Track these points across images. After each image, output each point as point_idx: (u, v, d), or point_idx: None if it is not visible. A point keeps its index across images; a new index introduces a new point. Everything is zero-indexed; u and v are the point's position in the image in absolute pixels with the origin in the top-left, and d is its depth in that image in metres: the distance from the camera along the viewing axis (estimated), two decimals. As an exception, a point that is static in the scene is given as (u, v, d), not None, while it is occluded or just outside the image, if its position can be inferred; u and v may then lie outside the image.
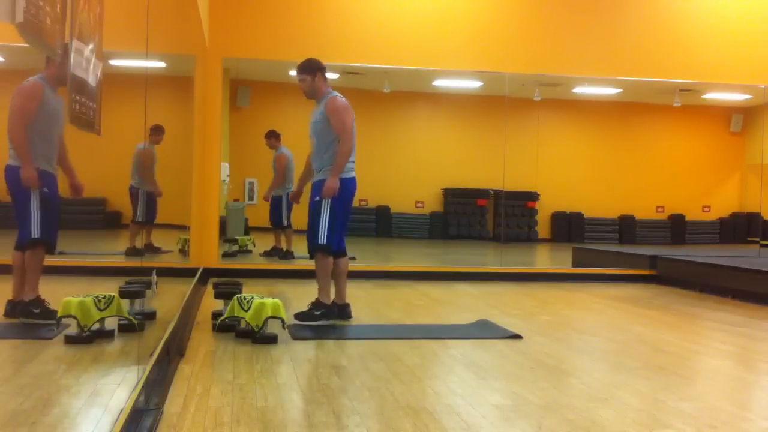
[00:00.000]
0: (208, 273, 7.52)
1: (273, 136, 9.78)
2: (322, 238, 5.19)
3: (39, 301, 4.42)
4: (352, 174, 5.36)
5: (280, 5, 8.50)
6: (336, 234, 5.25)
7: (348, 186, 5.30)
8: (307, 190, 5.61)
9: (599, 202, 14.83)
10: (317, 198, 5.23)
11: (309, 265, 5.52)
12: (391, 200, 14.28)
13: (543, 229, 14.95)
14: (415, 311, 6.28)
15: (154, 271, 5.02)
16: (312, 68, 5.34)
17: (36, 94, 4.32)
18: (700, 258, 8.61)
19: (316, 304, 5.26)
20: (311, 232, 5.26)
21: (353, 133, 5.29)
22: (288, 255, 9.45)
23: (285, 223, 9.58)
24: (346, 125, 5.20)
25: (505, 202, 12.44)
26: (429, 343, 4.68)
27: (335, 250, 5.29)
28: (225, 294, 5.07)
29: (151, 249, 8.37)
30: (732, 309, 6.75)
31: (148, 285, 4.90)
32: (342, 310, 5.39)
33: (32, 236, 4.40)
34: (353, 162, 5.37)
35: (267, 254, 9.71)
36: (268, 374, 3.74)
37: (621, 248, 11.13)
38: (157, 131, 8.30)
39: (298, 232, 8.70)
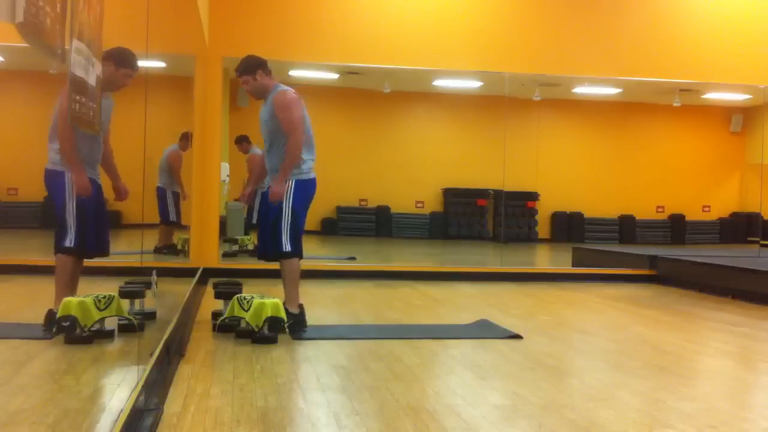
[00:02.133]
0: (208, 273, 7.51)
1: (244, 141, 9.88)
2: (287, 246, 4.88)
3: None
4: (312, 175, 5.02)
5: (280, 5, 8.50)
6: (300, 239, 4.98)
7: (309, 188, 4.99)
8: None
9: (599, 202, 14.83)
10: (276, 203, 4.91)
11: (309, 265, 5.48)
12: (391, 200, 14.28)
13: (543, 229, 14.94)
14: (415, 311, 6.28)
15: (154, 271, 5.02)
16: (251, 67, 4.97)
17: None
18: (700, 258, 8.61)
19: (288, 316, 4.80)
20: (274, 239, 4.92)
21: (307, 130, 4.96)
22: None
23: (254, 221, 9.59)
24: (294, 122, 4.83)
25: (505, 202, 12.43)
26: (429, 343, 4.68)
27: (298, 252, 4.98)
28: (225, 294, 5.07)
29: (174, 250, 8.47)
30: (732, 309, 6.75)
31: (148, 285, 4.90)
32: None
33: (63, 244, 4.38)
34: (313, 161, 5.03)
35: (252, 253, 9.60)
36: (268, 374, 3.74)
37: (621, 248, 11.12)
38: (186, 138, 8.40)
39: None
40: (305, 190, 4.98)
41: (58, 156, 4.37)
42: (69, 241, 4.37)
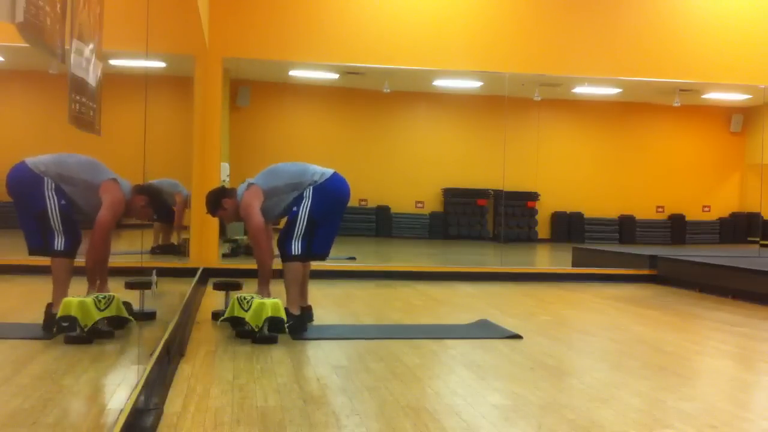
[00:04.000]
0: (208, 273, 7.51)
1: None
2: (294, 250, 4.87)
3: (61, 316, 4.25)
4: (327, 175, 5.00)
5: (280, 5, 8.50)
6: (318, 244, 4.97)
7: (327, 192, 4.95)
8: None
9: (599, 202, 14.83)
10: (294, 209, 4.93)
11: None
12: (391, 200, 14.28)
13: (543, 229, 14.94)
14: (415, 311, 6.28)
15: (154, 271, 5.02)
16: (216, 203, 5.07)
17: None
18: (700, 258, 8.61)
19: (288, 316, 4.83)
20: (283, 239, 4.95)
21: (292, 174, 5.03)
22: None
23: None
24: (251, 227, 4.91)
25: (505, 202, 12.42)
26: (429, 343, 4.68)
27: (306, 257, 5.00)
28: (223, 285, 5.12)
29: (173, 249, 8.43)
30: (732, 309, 6.75)
31: (148, 285, 4.90)
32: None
33: (53, 248, 4.45)
34: (320, 172, 5.01)
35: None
36: (268, 374, 3.74)
37: (621, 248, 11.12)
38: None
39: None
40: (322, 195, 4.92)
41: (43, 166, 4.47)
42: (59, 245, 4.42)
